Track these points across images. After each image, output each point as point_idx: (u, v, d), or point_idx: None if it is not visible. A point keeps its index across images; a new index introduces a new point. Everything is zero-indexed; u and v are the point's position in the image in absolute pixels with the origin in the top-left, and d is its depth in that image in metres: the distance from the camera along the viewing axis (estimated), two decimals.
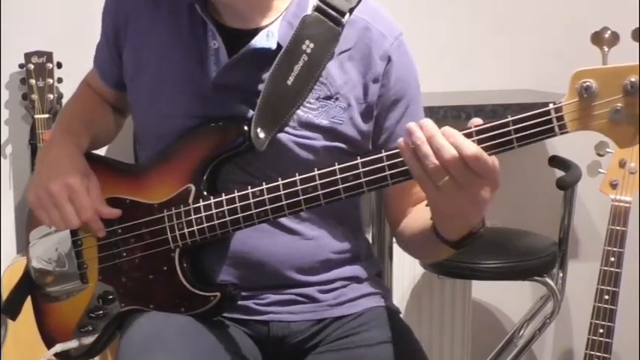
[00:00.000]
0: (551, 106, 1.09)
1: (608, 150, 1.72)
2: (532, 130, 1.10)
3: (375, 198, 2.24)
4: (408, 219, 1.42)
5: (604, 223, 1.75)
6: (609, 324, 1.72)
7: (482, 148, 1.09)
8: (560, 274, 2.24)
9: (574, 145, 2.36)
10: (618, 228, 1.73)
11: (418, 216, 1.36)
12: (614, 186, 1.73)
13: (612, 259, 1.72)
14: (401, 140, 1.12)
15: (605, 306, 1.72)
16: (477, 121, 1.12)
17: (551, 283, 2.19)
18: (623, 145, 1.10)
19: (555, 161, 2.29)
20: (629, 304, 2.58)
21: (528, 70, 2.57)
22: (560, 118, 1.09)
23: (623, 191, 1.72)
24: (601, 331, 1.73)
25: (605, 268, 1.73)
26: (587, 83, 1.08)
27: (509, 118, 1.10)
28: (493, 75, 2.55)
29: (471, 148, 1.08)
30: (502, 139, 1.10)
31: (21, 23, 2.30)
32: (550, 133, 1.09)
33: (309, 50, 1.32)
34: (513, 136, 1.10)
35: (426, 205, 1.21)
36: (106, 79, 1.54)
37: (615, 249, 1.72)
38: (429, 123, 1.11)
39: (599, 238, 1.77)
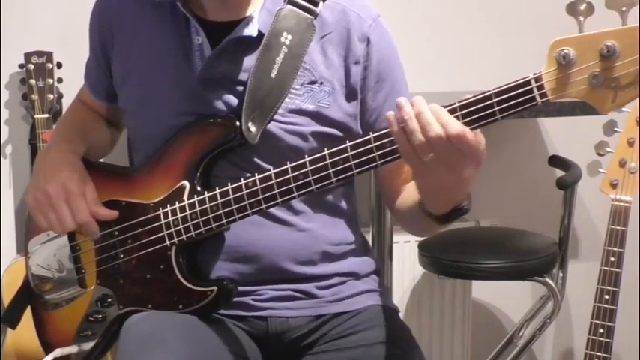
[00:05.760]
0: (531, 75, 1.12)
1: (608, 150, 1.72)
2: (514, 101, 1.13)
3: (374, 197, 2.24)
4: (401, 197, 1.45)
5: (604, 223, 1.74)
6: (609, 324, 1.72)
7: (466, 121, 1.13)
8: (560, 274, 2.23)
9: (574, 145, 2.37)
10: (618, 228, 1.72)
11: (409, 193, 1.39)
12: (614, 186, 1.72)
13: (612, 258, 1.72)
14: (391, 113, 1.15)
15: (605, 306, 1.72)
16: (467, 96, 1.15)
17: (551, 283, 2.19)
18: (604, 109, 1.12)
19: (555, 161, 2.29)
20: (629, 304, 2.58)
21: (528, 70, 2.56)
22: (540, 87, 1.12)
23: (623, 191, 1.72)
24: (601, 331, 1.72)
25: (605, 268, 1.72)
26: (565, 51, 1.10)
27: (492, 91, 1.13)
28: (493, 75, 2.54)
29: (455, 127, 1.11)
30: (486, 112, 1.13)
31: (21, 23, 2.30)
32: (531, 102, 1.12)
33: (287, 42, 1.35)
34: (496, 108, 1.13)
35: (413, 180, 1.26)
36: (98, 92, 1.55)
37: (615, 249, 1.72)
38: (419, 99, 1.14)
39: (599, 238, 1.77)
